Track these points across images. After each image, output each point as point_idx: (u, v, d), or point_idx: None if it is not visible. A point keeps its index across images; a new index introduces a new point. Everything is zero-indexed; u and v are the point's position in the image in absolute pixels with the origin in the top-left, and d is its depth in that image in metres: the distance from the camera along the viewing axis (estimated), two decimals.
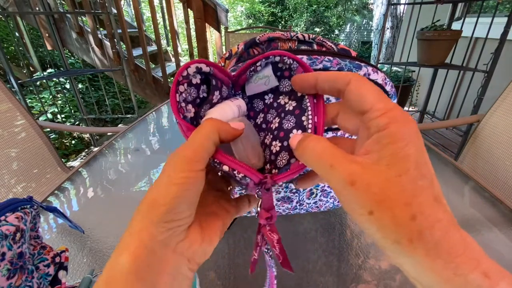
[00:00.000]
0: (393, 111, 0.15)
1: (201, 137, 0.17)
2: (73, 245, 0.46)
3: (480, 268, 0.13)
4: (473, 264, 0.13)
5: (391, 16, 3.92)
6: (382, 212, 0.14)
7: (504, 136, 0.81)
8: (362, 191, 0.14)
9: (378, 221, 0.14)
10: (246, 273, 0.41)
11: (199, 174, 0.17)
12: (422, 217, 0.13)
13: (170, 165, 0.17)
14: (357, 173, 0.15)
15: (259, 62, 0.21)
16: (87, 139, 2.95)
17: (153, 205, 0.16)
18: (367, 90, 0.16)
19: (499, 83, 1.13)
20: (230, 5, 7.55)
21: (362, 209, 0.14)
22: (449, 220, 0.14)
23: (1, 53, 1.62)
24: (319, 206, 0.49)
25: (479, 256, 0.13)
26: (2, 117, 0.82)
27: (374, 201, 0.14)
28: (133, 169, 0.72)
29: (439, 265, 0.13)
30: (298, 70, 0.21)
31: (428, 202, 0.14)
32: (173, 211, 0.16)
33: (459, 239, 0.13)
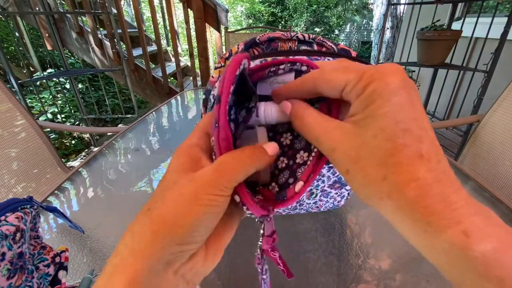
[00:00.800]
0: (367, 73, 0.14)
1: (248, 161, 0.16)
2: (73, 245, 0.46)
3: (460, 226, 0.12)
4: (448, 223, 0.12)
5: (391, 16, 3.92)
6: (356, 172, 0.15)
7: (504, 136, 0.81)
8: (341, 155, 0.15)
9: (353, 179, 0.15)
10: (246, 273, 0.41)
11: (226, 199, 0.16)
12: (394, 176, 0.13)
13: (198, 179, 0.15)
14: (337, 141, 0.16)
15: (283, 65, 0.19)
16: (87, 139, 2.95)
17: (171, 224, 0.14)
18: (331, 75, 0.16)
19: (499, 83, 1.13)
20: (230, 5, 7.55)
21: (341, 169, 0.16)
22: (434, 178, 0.13)
23: (1, 53, 1.62)
24: (319, 206, 0.49)
25: (463, 215, 0.12)
26: (2, 117, 0.82)
27: (349, 162, 0.15)
28: (133, 169, 0.72)
29: (410, 221, 0.13)
30: None
31: (408, 160, 0.13)
32: (192, 234, 0.15)
33: (439, 198, 0.13)
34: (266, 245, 0.20)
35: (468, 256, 0.12)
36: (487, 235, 0.12)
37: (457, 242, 0.12)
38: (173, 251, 0.15)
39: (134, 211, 0.17)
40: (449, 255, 0.12)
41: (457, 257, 0.12)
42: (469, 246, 0.12)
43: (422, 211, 0.13)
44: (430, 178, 0.13)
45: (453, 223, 0.12)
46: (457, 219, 0.12)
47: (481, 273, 0.11)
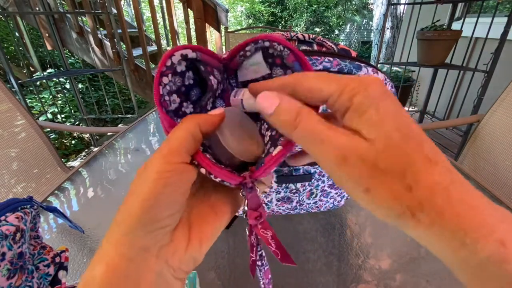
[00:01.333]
0: (349, 86, 0.14)
1: (179, 131, 0.16)
2: (73, 245, 0.46)
3: (495, 235, 0.11)
4: (484, 231, 0.11)
5: (391, 16, 3.92)
6: (378, 189, 0.13)
7: (504, 136, 0.81)
8: (356, 167, 0.13)
9: (376, 198, 0.13)
10: (246, 273, 0.41)
11: (178, 167, 0.15)
12: (418, 185, 0.12)
13: (146, 165, 0.16)
14: (349, 147, 0.13)
15: (248, 47, 0.19)
16: (87, 139, 2.95)
17: (128, 208, 0.15)
18: (313, 82, 0.15)
19: (499, 83, 1.13)
20: (230, 5, 7.55)
21: (358, 186, 0.13)
22: (449, 181, 0.12)
23: (1, 53, 1.62)
24: (319, 206, 0.49)
25: (494, 220, 0.11)
26: (2, 117, 0.82)
27: (368, 177, 0.13)
28: (133, 169, 0.72)
29: (446, 234, 0.12)
30: (289, 58, 0.19)
31: (422, 166, 0.12)
32: (150, 212, 0.14)
33: (465, 203, 0.12)
34: (251, 219, 0.19)
35: (506, 270, 0.11)
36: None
37: (494, 253, 0.11)
38: (140, 233, 0.14)
39: None
40: (486, 269, 0.11)
41: (494, 271, 0.11)
42: (507, 258, 0.11)
43: (455, 219, 0.11)
44: (446, 181, 0.12)
45: (489, 231, 0.11)
46: (491, 226, 0.11)
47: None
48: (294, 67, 0.19)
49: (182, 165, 0.15)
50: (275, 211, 0.48)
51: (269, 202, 0.46)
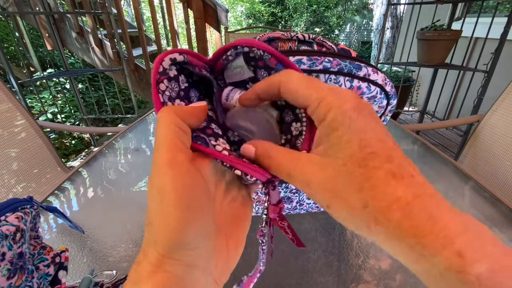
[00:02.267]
0: (326, 99, 0.15)
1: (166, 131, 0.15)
2: (73, 245, 0.46)
3: (452, 247, 0.11)
4: (441, 243, 0.11)
5: (391, 16, 3.91)
6: (337, 205, 0.14)
7: (504, 136, 0.81)
8: (317, 189, 0.15)
9: (336, 213, 0.14)
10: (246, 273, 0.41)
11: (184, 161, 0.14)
12: (375, 201, 0.13)
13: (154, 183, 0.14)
14: (310, 174, 0.15)
15: (229, 52, 0.19)
16: (87, 139, 2.95)
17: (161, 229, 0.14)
18: (296, 88, 0.16)
19: (499, 83, 1.13)
20: (230, 5, 7.55)
21: (322, 203, 0.15)
22: (413, 195, 0.12)
23: (1, 53, 1.62)
24: (319, 206, 0.49)
25: (454, 233, 0.12)
26: (2, 117, 0.82)
27: (328, 197, 0.14)
28: (133, 169, 0.72)
29: (404, 246, 0.12)
30: (271, 61, 0.19)
31: (383, 182, 0.13)
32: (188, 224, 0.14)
33: (425, 217, 0.12)
34: (273, 213, 0.20)
35: (463, 281, 0.11)
36: (481, 255, 0.11)
37: (452, 265, 0.11)
38: (183, 253, 0.14)
39: (134, 211, 0.17)
40: (444, 280, 0.12)
41: (452, 282, 0.11)
42: (464, 269, 0.11)
43: (413, 233, 0.12)
44: (409, 196, 0.12)
45: (446, 243, 0.11)
46: (449, 238, 0.12)
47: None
48: (277, 69, 0.19)
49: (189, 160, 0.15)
50: None
51: None
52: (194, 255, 0.14)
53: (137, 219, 0.51)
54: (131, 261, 0.43)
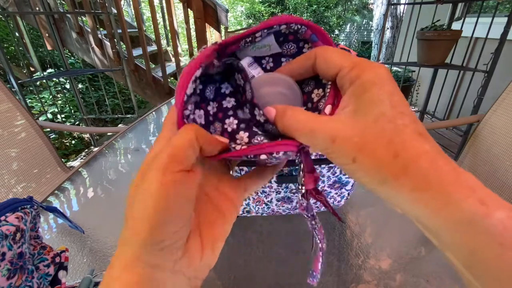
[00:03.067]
0: (360, 64, 0.16)
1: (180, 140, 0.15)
2: (73, 245, 0.46)
3: (475, 195, 0.12)
4: (467, 192, 0.12)
5: (391, 16, 3.91)
6: (364, 157, 0.14)
7: (504, 136, 0.81)
8: (343, 144, 0.15)
9: (362, 165, 0.14)
10: (246, 273, 0.41)
11: (181, 176, 0.14)
12: (406, 152, 0.13)
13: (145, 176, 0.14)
14: (336, 129, 0.15)
15: (259, 33, 0.19)
16: (87, 139, 2.95)
17: (134, 227, 0.14)
18: (331, 55, 0.17)
19: (499, 83, 1.13)
20: (230, 5, 7.55)
21: (347, 159, 0.15)
22: (437, 152, 0.14)
23: (1, 53, 1.62)
24: (319, 206, 0.49)
25: (473, 184, 0.13)
26: (2, 117, 0.82)
27: (355, 150, 0.14)
28: (133, 169, 0.72)
29: (430, 195, 0.13)
30: (306, 34, 0.19)
31: (412, 137, 0.14)
32: (159, 230, 0.14)
33: (449, 168, 0.13)
34: (309, 184, 0.19)
35: (489, 224, 0.12)
36: (500, 204, 0.12)
37: (478, 210, 0.12)
38: (152, 253, 0.14)
39: None
40: (470, 225, 0.12)
41: (478, 227, 0.12)
42: (488, 214, 0.12)
43: (440, 182, 0.13)
44: (434, 151, 0.14)
45: (470, 192, 0.12)
46: (472, 188, 0.13)
47: (501, 241, 0.11)
48: (311, 39, 0.20)
49: (185, 173, 0.14)
50: (275, 211, 0.48)
51: (269, 202, 0.46)
52: (161, 256, 0.14)
53: None
54: None
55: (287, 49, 0.21)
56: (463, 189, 0.12)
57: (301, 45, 0.21)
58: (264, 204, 0.47)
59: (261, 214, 0.49)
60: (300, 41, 0.20)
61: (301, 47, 0.21)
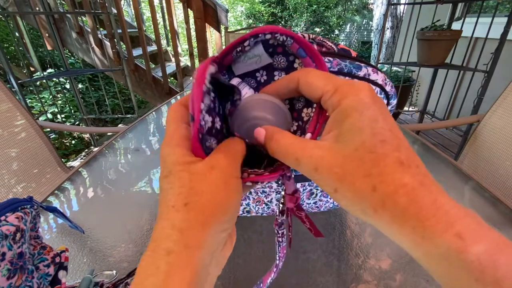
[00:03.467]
0: (342, 87, 0.16)
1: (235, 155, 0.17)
2: (73, 245, 0.46)
3: (453, 230, 0.12)
4: (444, 226, 0.12)
5: (391, 16, 3.91)
6: (345, 189, 0.14)
7: (504, 136, 0.81)
8: (325, 174, 0.15)
9: (343, 197, 0.15)
10: (246, 273, 0.41)
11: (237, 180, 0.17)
12: (383, 185, 0.13)
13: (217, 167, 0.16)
14: (319, 158, 0.15)
15: (246, 42, 0.19)
16: (87, 139, 2.95)
17: (216, 213, 0.15)
18: (314, 79, 0.17)
19: (499, 83, 1.13)
20: (230, 5, 7.55)
21: (329, 188, 0.15)
22: (418, 183, 0.13)
23: (1, 53, 1.62)
24: (319, 206, 0.49)
25: (454, 217, 0.13)
26: (2, 117, 0.82)
27: (336, 180, 0.15)
28: (133, 169, 0.72)
29: (407, 229, 0.13)
30: (292, 47, 0.19)
31: (391, 169, 0.14)
32: (232, 219, 0.16)
33: (429, 202, 0.13)
34: (290, 203, 0.21)
35: (464, 260, 0.12)
36: (480, 237, 0.12)
37: (452, 245, 0.12)
38: (220, 239, 0.16)
39: (134, 211, 0.18)
40: (446, 260, 0.12)
41: (454, 262, 0.12)
42: (464, 249, 0.12)
43: (417, 216, 0.13)
44: (415, 183, 0.13)
45: (447, 226, 0.12)
46: (450, 222, 0.12)
47: (478, 276, 0.11)
48: (299, 54, 0.19)
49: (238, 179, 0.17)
50: (275, 211, 0.48)
51: (269, 202, 0.46)
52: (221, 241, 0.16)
53: (137, 219, 0.51)
54: (131, 261, 0.43)
55: (277, 61, 0.21)
56: (440, 224, 0.12)
57: (292, 59, 0.21)
58: (264, 204, 0.47)
59: (261, 214, 0.49)
60: (289, 55, 0.20)
61: (291, 61, 0.21)
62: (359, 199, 0.14)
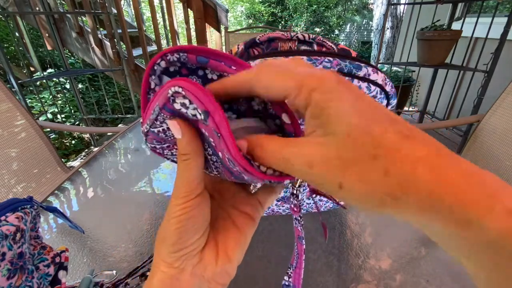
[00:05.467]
0: (305, 83, 0.14)
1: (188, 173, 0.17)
2: (73, 245, 0.46)
3: (500, 205, 0.09)
4: (489, 201, 0.09)
5: (391, 16, 3.91)
6: (351, 181, 0.12)
7: (504, 136, 0.81)
8: (323, 169, 0.13)
9: (352, 191, 0.12)
10: (246, 273, 0.41)
11: (194, 201, 0.17)
12: (396, 165, 0.11)
13: (172, 195, 0.18)
14: (310, 153, 0.13)
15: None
16: (87, 139, 2.95)
17: (161, 241, 0.18)
18: (269, 81, 0.15)
19: (499, 83, 1.13)
20: (230, 5, 7.55)
21: (332, 185, 0.13)
22: (436, 152, 0.11)
23: (1, 53, 1.62)
24: (319, 206, 0.49)
25: (494, 187, 0.10)
26: (2, 117, 0.82)
27: (338, 174, 0.12)
28: (133, 169, 0.72)
29: (443, 212, 0.10)
30: (191, 60, 0.17)
31: (398, 144, 0.11)
32: (179, 242, 0.17)
33: (457, 171, 0.10)
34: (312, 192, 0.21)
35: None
36: None
37: (506, 227, 0.09)
38: (174, 258, 0.17)
39: (134, 211, 0.18)
40: (497, 248, 0.09)
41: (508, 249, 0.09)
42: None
43: (450, 193, 0.10)
44: (431, 154, 0.11)
45: (493, 201, 0.09)
46: (494, 194, 0.09)
47: None
48: (199, 62, 0.17)
49: (198, 198, 0.17)
50: (275, 211, 0.48)
51: None
52: (182, 261, 0.18)
53: (137, 219, 0.51)
54: (131, 261, 0.43)
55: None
56: (484, 199, 0.09)
57: (202, 74, 0.18)
58: None
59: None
60: (197, 69, 0.18)
61: (203, 75, 0.18)
62: (372, 188, 0.11)
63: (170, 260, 0.18)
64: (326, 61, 0.29)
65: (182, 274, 0.18)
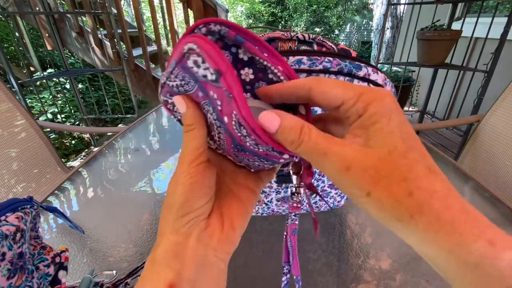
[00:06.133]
0: (365, 94, 0.15)
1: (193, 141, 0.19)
2: (73, 245, 0.46)
3: (484, 236, 0.12)
4: (476, 232, 0.13)
5: (391, 16, 3.91)
6: (380, 192, 0.14)
7: (504, 136, 0.81)
8: (358, 175, 0.14)
9: (377, 201, 0.14)
10: (246, 273, 0.41)
11: (200, 167, 0.18)
12: (419, 191, 0.13)
13: (178, 164, 0.19)
14: (351, 157, 0.14)
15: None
16: (87, 139, 2.95)
17: (168, 208, 0.18)
18: (329, 89, 0.16)
19: (499, 83, 1.13)
20: (230, 5, 7.55)
21: (361, 192, 0.14)
22: (448, 190, 0.14)
23: (1, 53, 1.62)
24: (319, 206, 0.49)
25: (482, 224, 0.13)
26: (2, 117, 0.82)
27: (370, 183, 0.14)
28: (133, 169, 0.72)
29: (442, 236, 0.13)
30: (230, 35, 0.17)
31: (423, 174, 0.14)
32: (185, 205, 0.18)
33: (459, 208, 0.13)
34: (308, 177, 0.21)
35: (497, 267, 0.12)
36: (508, 243, 0.12)
37: (486, 252, 0.12)
38: (181, 223, 0.18)
39: (134, 211, 0.18)
40: (478, 268, 0.12)
41: (486, 269, 0.12)
42: (497, 255, 0.12)
43: (451, 222, 0.13)
44: (444, 189, 0.14)
45: (480, 232, 0.13)
46: (481, 229, 0.13)
47: (510, 283, 0.12)
48: (236, 40, 0.17)
49: (203, 164, 0.18)
50: (275, 211, 0.48)
51: (269, 202, 0.46)
52: (189, 226, 0.18)
53: (137, 219, 0.51)
54: (131, 261, 0.43)
55: None
56: (473, 230, 0.13)
57: (234, 51, 0.18)
58: (264, 204, 0.47)
59: (261, 214, 0.49)
60: (230, 46, 0.18)
61: (234, 53, 0.19)
62: (395, 204, 0.14)
63: (177, 226, 0.18)
64: (326, 61, 0.29)
65: (188, 240, 0.18)
